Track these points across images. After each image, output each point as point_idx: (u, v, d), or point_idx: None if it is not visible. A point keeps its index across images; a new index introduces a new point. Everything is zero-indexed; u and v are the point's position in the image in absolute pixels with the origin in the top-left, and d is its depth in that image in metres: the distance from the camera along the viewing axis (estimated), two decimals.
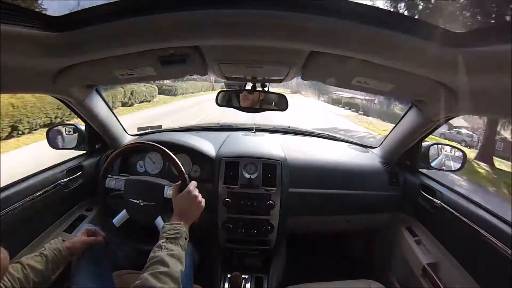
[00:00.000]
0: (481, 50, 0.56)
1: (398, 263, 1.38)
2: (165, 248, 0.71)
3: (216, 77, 1.13)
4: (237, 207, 1.25)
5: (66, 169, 1.21)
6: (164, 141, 1.29)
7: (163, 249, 0.71)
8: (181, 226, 0.78)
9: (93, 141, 1.40)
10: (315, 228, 1.48)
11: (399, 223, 1.39)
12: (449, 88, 0.79)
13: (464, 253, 1.02)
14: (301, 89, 35.06)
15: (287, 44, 0.69)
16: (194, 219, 0.86)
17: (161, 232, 0.77)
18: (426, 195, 1.22)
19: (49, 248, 0.86)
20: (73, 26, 0.64)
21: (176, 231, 0.76)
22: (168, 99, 15.02)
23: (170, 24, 0.62)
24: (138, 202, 1.03)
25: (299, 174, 1.31)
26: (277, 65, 0.87)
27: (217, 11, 0.59)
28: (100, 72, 0.90)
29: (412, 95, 1.00)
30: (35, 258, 0.80)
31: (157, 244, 0.73)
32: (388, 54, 0.67)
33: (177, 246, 0.73)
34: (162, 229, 0.78)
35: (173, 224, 0.78)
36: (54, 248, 0.86)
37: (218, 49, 0.78)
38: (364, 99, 22.35)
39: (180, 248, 0.73)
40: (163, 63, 0.81)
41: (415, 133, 1.23)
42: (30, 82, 0.87)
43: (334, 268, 1.66)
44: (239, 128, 1.74)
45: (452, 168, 1.31)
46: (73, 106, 1.16)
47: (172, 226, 0.77)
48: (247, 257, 1.38)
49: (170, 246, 0.72)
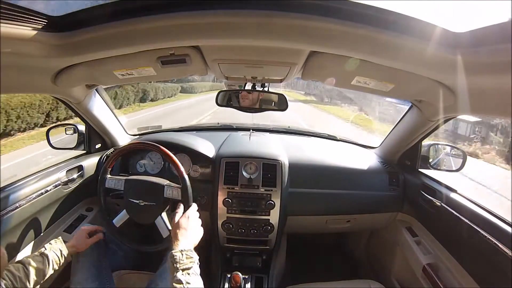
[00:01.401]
0: (481, 50, 0.56)
1: (398, 263, 1.38)
2: (186, 283, 0.67)
3: (216, 77, 1.13)
4: (237, 207, 1.25)
5: (66, 169, 1.21)
6: (164, 141, 1.29)
7: (185, 284, 0.67)
8: (192, 253, 0.74)
9: (93, 141, 1.41)
10: (315, 228, 1.48)
11: (399, 223, 1.39)
12: (449, 88, 0.79)
13: (464, 253, 1.02)
14: None
15: (287, 44, 0.69)
16: (195, 244, 0.83)
17: (170, 261, 0.72)
18: (426, 195, 1.22)
19: (50, 248, 0.86)
20: (73, 27, 0.64)
21: (190, 260, 0.72)
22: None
23: (170, 24, 0.62)
24: (138, 202, 1.03)
25: (299, 174, 1.31)
26: (277, 65, 0.87)
27: (217, 11, 0.59)
28: (100, 72, 0.90)
29: (412, 95, 1.00)
30: (36, 258, 0.81)
31: (175, 279, 0.68)
32: (388, 54, 0.67)
33: (195, 276, 0.70)
34: (173, 259, 0.72)
35: (184, 252, 0.73)
36: (55, 248, 0.87)
37: (218, 49, 0.78)
38: None
39: (198, 278, 0.70)
40: (163, 63, 0.81)
41: (415, 133, 1.23)
42: (30, 82, 0.88)
43: (334, 268, 1.66)
44: (239, 128, 1.74)
45: (452, 168, 1.31)
46: (73, 106, 1.17)
47: (183, 255, 0.72)
48: (247, 257, 1.38)
49: (189, 279, 0.68)
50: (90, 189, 1.29)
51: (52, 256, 0.84)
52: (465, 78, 0.66)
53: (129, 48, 0.72)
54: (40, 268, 0.80)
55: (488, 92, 0.68)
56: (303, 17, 0.58)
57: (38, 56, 0.69)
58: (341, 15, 0.58)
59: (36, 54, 0.67)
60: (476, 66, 0.61)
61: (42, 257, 0.83)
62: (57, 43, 0.66)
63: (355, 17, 0.58)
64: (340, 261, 1.78)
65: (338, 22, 0.59)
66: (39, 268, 0.80)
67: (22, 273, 0.75)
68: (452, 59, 0.61)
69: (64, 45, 0.67)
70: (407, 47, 0.63)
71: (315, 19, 0.58)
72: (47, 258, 0.83)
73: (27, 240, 1.03)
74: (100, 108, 1.28)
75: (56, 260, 0.85)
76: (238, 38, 0.67)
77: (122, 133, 1.50)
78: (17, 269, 0.75)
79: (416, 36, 0.60)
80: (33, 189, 1.04)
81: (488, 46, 0.55)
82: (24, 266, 0.77)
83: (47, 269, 0.82)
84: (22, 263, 0.78)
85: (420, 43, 0.61)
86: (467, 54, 0.59)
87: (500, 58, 0.55)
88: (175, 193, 1.03)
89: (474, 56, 0.59)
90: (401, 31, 0.60)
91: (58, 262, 0.86)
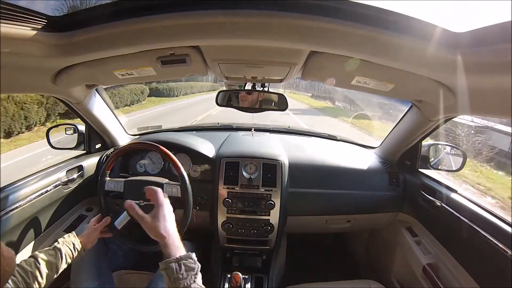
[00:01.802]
0: (482, 50, 0.56)
1: (398, 263, 1.38)
2: None
3: (216, 76, 1.13)
4: (237, 207, 1.25)
5: (66, 169, 1.21)
6: (164, 141, 1.29)
7: None
8: (192, 261, 0.62)
9: (93, 141, 1.40)
10: (315, 228, 1.48)
11: (399, 223, 1.39)
12: (449, 88, 0.79)
13: (464, 253, 1.02)
14: None
15: (287, 44, 0.69)
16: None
17: (165, 273, 0.61)
18: (426, 195, 1.22)
19: (63, 242, 0.86)
20: (73, 27, 0.64)
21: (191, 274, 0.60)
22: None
23: (170, 24, 0.62)
24: (138, 202, 1.03)
25: (299, 174, 1.31)
26: (277, 65, 0.87)
27: (217, 11, 0.59)
28: (100, 72, 0.90)
29: (412, 95, 1.00)
30: (48, 252, 0.82)
31: None
32: (389, 54, 0.67)
33: None
34: (168, 271, 0.60)
35: (182, 262, 0.61)
36: (68, 242, 0.87)
37: (218, 49, 0.78)
38: None
39: None
40: (163, 63, 0.81)
41: (415, 133, 1.23)
42: (30, 82, 0.88)
43: (334, 268, 1.66)
44: (239, 128, 1.74)
45: (452, 168, 1.31)
46: (73, 106, 1.17)
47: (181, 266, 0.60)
48: (247, 257, 1.38)
49: None
50: (90, 189, 1.30)
51: (65, 250, 0.84)
52: (465, 78, 0.66)
53: (129, 48, 0.72)
54: (53, 262, 0.80)
55: (488, 92, 0.68)
56: (303, 17, 0.58)
57: (38, 56, 0.69)
58: (341, 15, 0.58)
59: (36, 54, 0.67)
60: (477, 66, 0.60)
61: (55, 250, 0.83)
62: (57, 43, 0.66)
63: (356, 17, 0.58)
64: (340, 261, 1.78)
65: (338, 22, 0.59)
66: (52, 261, 0.80)
67: (34, 267, 0.75)
68: (452, 59, 0.61)
69: (64, 45, 0.67)
70: (407, 47, 0.63)
71: (315, 19, 0.58)
72: (60, 252, 0.83)
73: (27, 240, 1.03)
74: (100, 108, 1.28)
75: (69, 254, 0.85)
76: (238, 38, 0.67)
77: (122, 133, 1.50)
78: (29, 264, 0.75)
79: (416, 36, 0.60)
80: (33, 189, 1.04)
81: (489, 46, 0.55)
82: (35, 260, 0.77)
83: (60, 263, 0.82)
84: (34, 257, 0.78)
85: (420, 43, 0.60)
86: (468, 54, 0.59)
87: (500, 58, 0.55)
88: (175, 191, 1.03)
89: (474, 56, 0.59)
90: (401, 31, 0.60)
91: (71, 255, 0.86)
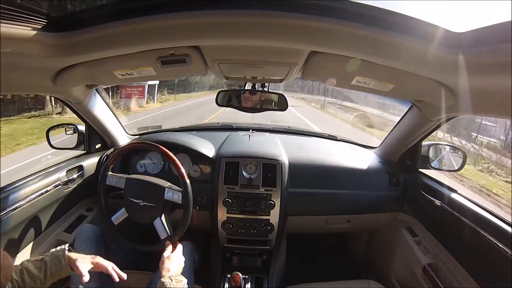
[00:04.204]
0: (483, 50, 0.56)
1: (398, 263, 1.38)
2: None
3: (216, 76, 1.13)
4: (237, 207, 1.24)
5: (66, 169, 1.21)
6: (164, 141, 1.29)
7: None
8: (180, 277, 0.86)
9: (93, 141, 1.40)
10: (315, 228, 1.48)
11: (399, 223, 1.39)
12: (449, 88, 0.79)
13: (464, 253, 1.02)
14: None
15: (287, 44, 0.69)
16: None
17: None
18: (426, 195, 1.22)
19: (51, 254, 0.83)
20: (73, 27, 0.64)
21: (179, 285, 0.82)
22: None
23: (170, 24, 0.62)
24: (138, 202, 1.03)
25: (299, 174, 1.31)
26: (277, 65, 0.87)
27: (217, 11, 0.59)
28: (100, 72, 0.90)
29: (412, 95, 1.00)
30: (35, 263, 0.79)
31: None
32: (389, 55, 0.67)
33: None
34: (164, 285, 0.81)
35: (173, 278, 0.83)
36: (55, 255, 0.83)
37: (218, 49, 0.78)
38: None
39: None
40: (163, 63, 0.81)
41: (415, 133, 1.23)
42: (30, 82, 0.88)
43: (334, 268, 1.66)
44: (239, 128, 1.74)
45: (452, 168, 1.31)
46: (73, 106, 1.16)
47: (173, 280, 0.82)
48: (247, 257, 1.38)
49: None
50: (90, 189, 1.29)
51: (51, 265, 0.80)
52: (466, 78, 0.65)
53: (129, 48, 0.72)
54: (36, 275, 0.77)
55: (489, 92, 0.68)
56: (303, 17, 0.58)
57: (38, 56, 0.69)
58: (341, 15, 0.58)
59: (36, 54, 0.67)
60: (478, 66, 0.60)
61: (42, 263, 0.80)
62: (57, 43, 0.66)
63: (356, 17, 0.58)
64: (340, 261, 1.78)
65: (339, 22, 0.59)
66: (35, 274, 0.77)
67: (19, 277, 0.74)
68: (453, 59, 0.61)
69: (64, 45, 0.67)
70: (408, 48, 0.63)
71: (315, 19, 0.58)
72: (46, 265, 0.79)
73: (27, 240, 1.03)
74: (100, 108, 1.28)
75: (53, 270, 0.80)
76: (238, 38, 0.67)
77: (122, 133, 1.50)
78: (16, 272, 0.74)
79: (417, 36, 0.60)
80: (33, 189, 1.04)
81: (490, 46, 0.55)
82: (22, 270, 0.75)
83: (44, 278, 0.78)
84: (22, 266, 0.77)
85: (421, 43, 0.60)
86: (469, 54, 0.59)
87: (501, 58, 0.55)
88: (176, 197, 1.03)
89: (475, 56, 0.59)
90: (402, 32, 0.59)
91: (55, 271, 0.81)
